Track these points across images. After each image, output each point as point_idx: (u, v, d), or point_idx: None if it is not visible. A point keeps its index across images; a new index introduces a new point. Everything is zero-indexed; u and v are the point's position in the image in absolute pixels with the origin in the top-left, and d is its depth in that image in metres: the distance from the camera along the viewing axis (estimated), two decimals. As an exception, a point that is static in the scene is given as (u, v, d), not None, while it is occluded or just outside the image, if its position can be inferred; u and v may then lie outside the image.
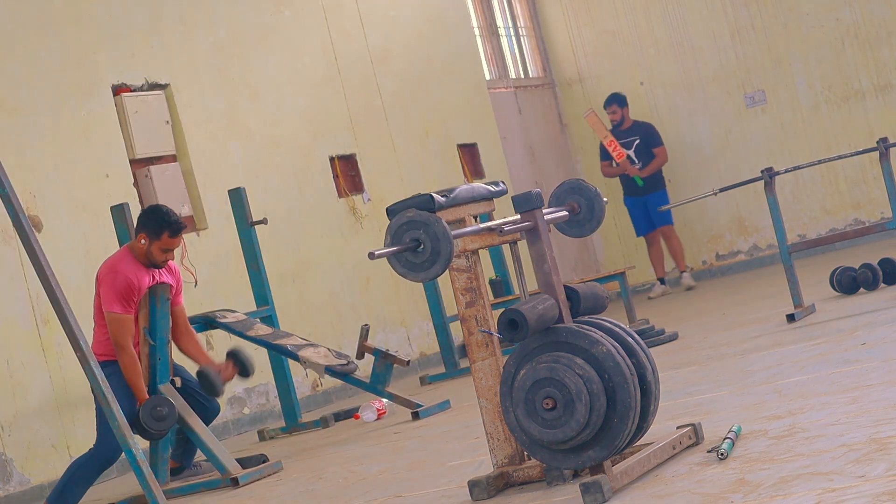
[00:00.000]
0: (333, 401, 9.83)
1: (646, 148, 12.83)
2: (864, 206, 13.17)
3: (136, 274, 6.46)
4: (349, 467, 6.06)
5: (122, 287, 6.39)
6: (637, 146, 12.84)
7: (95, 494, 7.48)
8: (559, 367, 3.98)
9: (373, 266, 10.25)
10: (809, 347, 6.34)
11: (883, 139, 7.89)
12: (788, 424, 4.40)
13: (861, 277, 8.46)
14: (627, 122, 12.95)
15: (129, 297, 6.42)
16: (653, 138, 12.94)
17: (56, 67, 8.56)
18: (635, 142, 12.84)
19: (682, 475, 4.05)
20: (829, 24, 13.22)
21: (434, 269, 4.09)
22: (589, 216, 4.78)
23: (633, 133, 12.89)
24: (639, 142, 12.84)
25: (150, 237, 6.48)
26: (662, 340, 8.24)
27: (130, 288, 6.42)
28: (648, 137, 12.92)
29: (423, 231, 4.07)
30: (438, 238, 4.05)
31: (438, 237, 4.05)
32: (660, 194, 12.82)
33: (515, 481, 4.47)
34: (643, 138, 12.87)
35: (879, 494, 3.19)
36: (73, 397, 7.87)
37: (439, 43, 12.50)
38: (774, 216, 8.08)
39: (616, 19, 14.18)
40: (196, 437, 6.53)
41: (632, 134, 12.88)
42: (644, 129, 12.97)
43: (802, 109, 13.37)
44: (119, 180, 8.79)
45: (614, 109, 12.93)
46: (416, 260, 4.11)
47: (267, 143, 10.09)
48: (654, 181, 12.88)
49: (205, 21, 9.84)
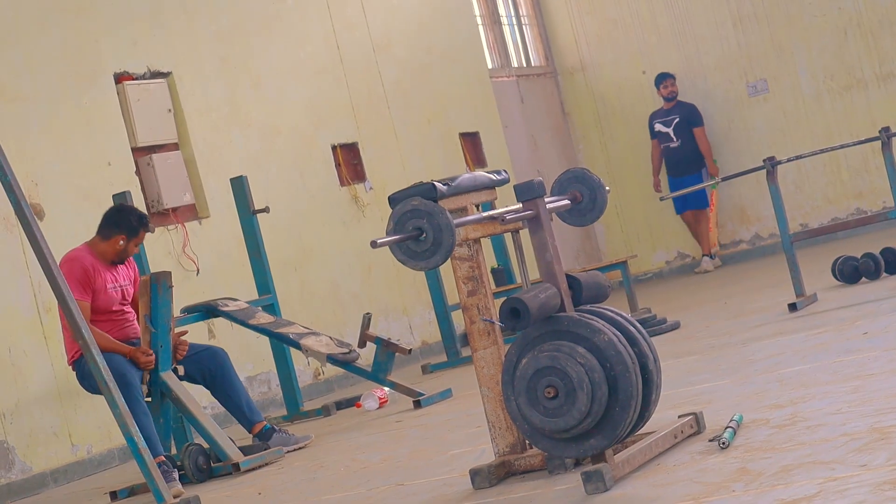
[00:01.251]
0: (335, 389, 9.83)
1: (686, 126, 12.96)
2: (866, 195, 13.16)
3: (93, 265, 6.65)
4: (351, 456, 6.06)
5: (78, 274, 6.54)
6: (676, 124, 12.95)
7: (97, 483, 7.49)
8: (561, 355, 3.98)
9: (375, 255, 10.24)
10: (811, 337, 6.34)
11: (885, 128, 7.88)
12: (790, 413, 4.40)
13: (863, 267, 8.46)
14: (676, 100, 13.15)
15: (85, 284, 6.57)
16: (693, 119, 13.07)
17: (58, 55, 8.55)
18: (675, 120, 12.96)
19: (684, 464, 4.05)
20: (832, 13, 13.20)
21: (435, 259, 4.09)
22: (591, 206, 4.79)
23: (675, 112, 13.06)
24: (678, 120, 12.95)
25: (129, 236, 6.68)
26: (664, 329, 8.24)
27: (86, 274, 6.58)
28: (690, 117, 13.07)
29: (426, 220, 4.07)
30: (441, 228, 4.05)
31: (441, 227, 4.05)
32: (696, 176, 12.88)
33: (517, 470, 4.47)
34: (684, 117, 13.01)
35: (881, 483, 3.20)
36: (74, 385, 7.87)
37: (441, 31, 12.48)
38: (776, 205, 8.07)
39: (618, 8, 14.17)
40: (197, 424, 6.54)
41: (674, 113, 13.04)
42: (687, 109, 13.12)
43: (805, 98, 13.36)
44: (121, 168, 8.79)
45: (672, 82, 13.11)
46: (418, 249, 4.11)
47: (269, 132, 10.08)
48: (690, 164, 13.01)
49: (207, 9, 9.83)
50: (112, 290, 6.69)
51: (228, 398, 6.88)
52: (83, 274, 6.55)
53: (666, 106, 13.20)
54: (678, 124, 13.03)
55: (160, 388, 6.59)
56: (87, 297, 6.55)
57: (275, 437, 6.77)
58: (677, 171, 13.06)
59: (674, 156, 13.14)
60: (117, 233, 6.67)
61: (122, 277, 6.79)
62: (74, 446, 7.96)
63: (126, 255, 6.74)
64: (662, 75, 13.25)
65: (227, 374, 6.87)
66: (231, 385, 6.87)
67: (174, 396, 6.59)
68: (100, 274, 6.64)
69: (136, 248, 6.80)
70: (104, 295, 6.64)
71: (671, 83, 13.15)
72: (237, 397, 6.86)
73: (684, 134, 13.01)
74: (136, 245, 6.76)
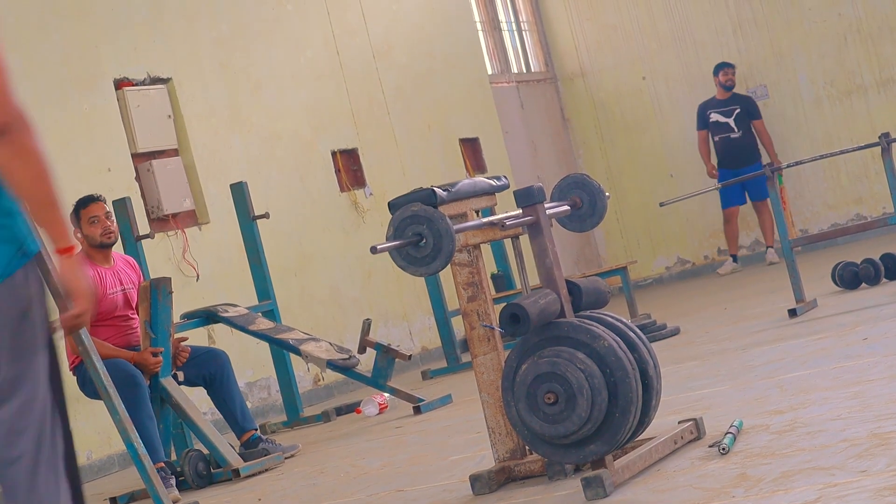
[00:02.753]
0: (335, 395, 9.83)
1: (747, 118, 12.78)
2: (865, 200, 13.16)
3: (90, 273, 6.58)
4: (351, 461, 6.06)
5: None
6: (738, 114, 12.76)
7: (97, 489, 7.49)
8: (561, 361, 3.98)
9: (375, 260, 10.24)
10: (811, 342, 6.34)
11: (885, 134, 7.88)
12: (790, 419, 4.40)
13: (863, 272, 8.45)
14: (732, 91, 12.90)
15: None
16: (753, 111, 12.87)
17: (58, 61, 8.56)
18: (735, 111, 12.77)
19: (684, 470, 4.05)
20: (832, 19, 13.21)
21: (435, 265, 4.10)
22: (591, 211, 4.79)
23: (734, 103, 12.84)
24: (739, 111, 12.76)
25: (77, 224, 6.68)
26: (664, 335, 8.24)
27: None
28: (750, 108, 12.86)
29: (426, 226, 4.08)
30: (441, 234, 4.06)
31: (441, 233, 4.06)
32: (756, 166, 12.66)
33: (517, 476, 4.47)
34: (744, 108, 12.81)
35: (881, 489, 3.20)
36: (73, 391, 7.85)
37: (441, 37, 12.49)
38: (776, 211, 8.08)
39: (618, 14, 14.18)
40: (197, 430, 6.54)
41: (733, 103, 12.84)
42: (745, 101, 12.93)
43: (804, 104, 13.37)
44: (121, 174, 8.79)
45: (732, 71, 12.87)
46: (418, 254, 4.12)
47: (269, 138, 10.09)
48: (751, 155, 12.76)
49: (207, 15, 9.84)
50: (112, 294, 6.69)
51: (224, 402, 6.89)
52: None
53: (721, 96, 12.84)
54: (739, 115, 12.74)
55: (160, 394, 6.60)
56: None
57: (259, 447, 6.78)
58: (737, 163, 12.62)
59: (734, 147, 12.73)
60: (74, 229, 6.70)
61: (126, 280, 6.76)
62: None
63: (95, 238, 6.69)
64: (723, 63, 12.95)
65: (226, 378, 6.88)
66: (229, 389, 6.87)
67: (174, 402, 6.60)
68: (100, 280, 6.63)
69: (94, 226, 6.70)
70: (105, 300, 6.64)
71: (731, 72, 12.85)
72: (232, 402, 6.87)
73: (745, 125, 12.73)
74: (90, 223, 6.69)
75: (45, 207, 3.05)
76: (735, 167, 12.62)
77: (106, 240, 6.72)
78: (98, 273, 6.65)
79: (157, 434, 6.33)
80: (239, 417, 6.90)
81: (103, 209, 6.77)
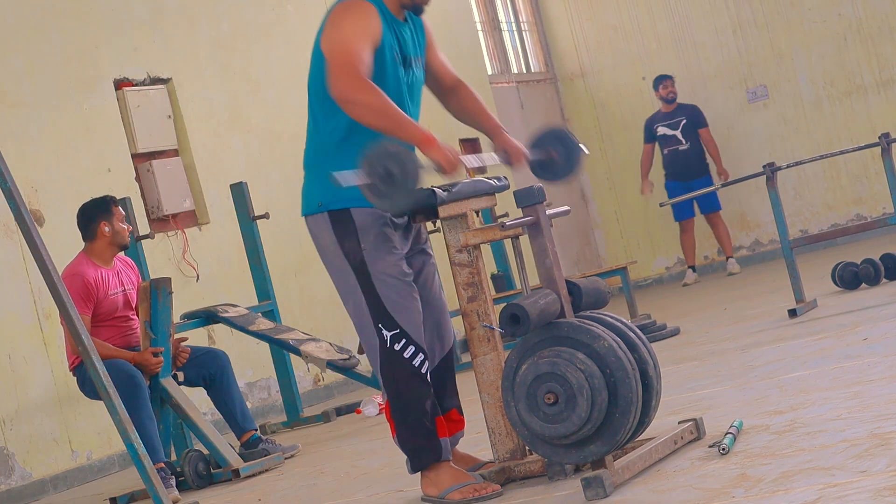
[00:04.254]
0: (335, 395, 9.83)
1: (692, 128, 12.77)
2: (865, 201, 13.17)
3: (94, 276, 6.66)
4: (351, 462, 6.06)
5: (80, 288, 6.54)
6: (684, 125, 12.74)
7: (96, 489, 7.49)
8: (561, 361, 3.98)
9: (374, 261, 10.22)
10: (811, 343, 6.34)
11: (885, 134, 7.88)
12: (790, 419, 4.40)
13: (863, 272, 8.45)
14: (676, 102, 12.89)
15: (87, 298, 6.57)
16: (699, 119, 12.84)
17: (58, 62, 8.56)
18: (682, 122, 12.76)
19: (684, 470, 4.05)
20: (832, 20, 13.21)
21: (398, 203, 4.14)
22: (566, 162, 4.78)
23: (680, 114, 12.83)
24: (685, 121, 12.75)
25: (108, 220, 6.70)
26: (664, 335, 8.24)
27: (87, 288, 6.59)
28: (697, 118, 12.83)
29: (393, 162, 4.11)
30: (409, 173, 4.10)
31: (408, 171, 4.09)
32: (706, 179, 12.67)
33: (517, 476, 4.47)
34: (690, 118, 12.79)
35: (881, 489, 3.19)
36: (74, 391, 7.87)
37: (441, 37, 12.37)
38: (776, 211, 8.07)
39: (618, 14, 14.18)
40: (197, 430, 6.55)
41: (678, 115, 12.81)
42: (690, 110, 12.89)
43: (804, 104, 13.37)
44: (121, 175, 8.80)
45: (671, 83, 12.86)
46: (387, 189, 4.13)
47: (269, 138, 10.09)
48: (700, 166, 12.74)
49: (207, 15, 9.84)
50: (114, 295, 6.70)
51: (224, 402, 6.89)
52: (84, 288, 6.55)
53: (666, 109, 12.89)
54: (686, 126, 12.75)
55: (160, 394, 6.60)
56: (87, 311, 6.56)
57: (259, 448, 6.78)
58: (687, 175, 12.64)
59: (683, 159, 12.73)
60: (98, 222, 6.71)
61: (126, 282, 6.78)
62: (74, 452, 7.96)
63: (123, 237, 6.73)
64: (661, 77, 12.98)
65: (226, 378, 6.88)
66: (228, 390, 6.87)
67: (174, 402, 6.60)
68: (102, 282, 6.64)
69: (125, 224, 6.78)
70: (106, 301, 6.65)
71: (670, 84, 12.88)
72: (232, 403, 6.87)
73: (692, 136, 12.74)
74: (121, 221, 6.75)
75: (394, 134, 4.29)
76: (685, 179, 12.63)
77: (128, 241, 6.78)
78: (100, 274, 6.66)
79: (157, 434, 6.33)
80: (239, 418, 6.90)
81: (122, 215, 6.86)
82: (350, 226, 4.41)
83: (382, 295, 4.41)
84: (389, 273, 4.42)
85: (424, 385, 4.44)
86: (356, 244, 4.41)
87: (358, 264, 4.41)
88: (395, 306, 4.41)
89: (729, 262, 12.80)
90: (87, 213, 6.77)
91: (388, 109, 4.26)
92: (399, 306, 4.42)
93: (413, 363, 4.41)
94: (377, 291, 4.41)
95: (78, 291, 6.49)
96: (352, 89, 4.26)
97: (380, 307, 4.41)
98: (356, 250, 4.41)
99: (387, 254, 4.43)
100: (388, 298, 4.41)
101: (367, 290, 4.41)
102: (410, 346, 4.41)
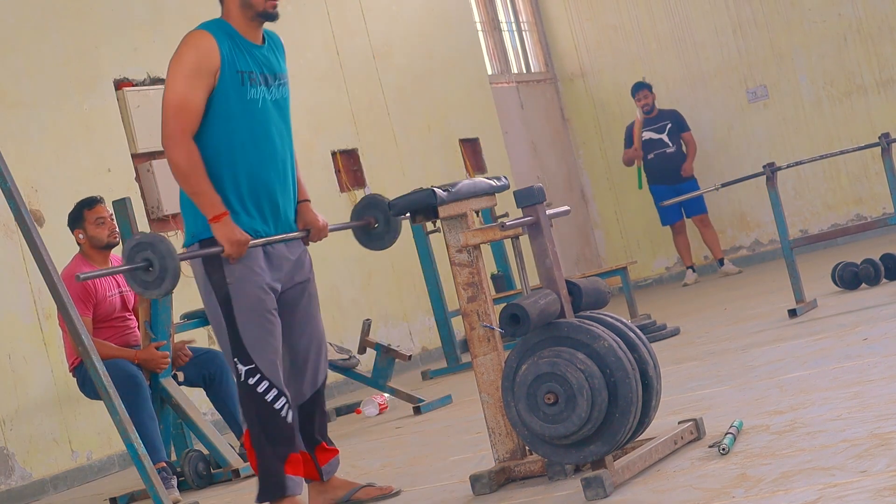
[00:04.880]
0: (335, 395, 9.83)
1: (677, 132, 12.78)
2: (865, 201, 13.17)
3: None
4: (351, 462, 6.06)
5: (78, 290, 6.53)
6: (669, 129, 12.75)
7: (97, 489, 7.49)
8: (561, 361, 3.98)
9: (375, 261, 10.25)
10: (811, 343, 6.34)
11: (885, 134, 7.88)
12: (790, 419, 4.40)
13: (863, 273, 8.45)
14: (655, 109, 12.89)
15: (86, 300, 6.59)
16: (682, 123, 12.86)
17: (58, 61, 8.56)
18: (667, 126, 12.76)
19: (684, 470, 4.05)
20: (832, 20, 13.21)
21: (166, 285, 4.20)
22: (385, 229, 5.07)
23: (663, 119, 12.83)
24: (670, 125, 12.75)
25: (80, 227, 6.75)
26: (664, 335, 8.24)
27: (86, 290, 6.59)
28: (679, 121, 12.85)
29: (150, 251, 4.19)
30: (164, 256, 4.17)
31: (164, 255, 4.17)
32: (692, 183, 12.67)
33: (517, 476, 4.47)
34: (674, 122, 12.80)
35: (881, 489, 3.20)
36: (74, 392, 7.87)
37: (441, 38, 12.49)
38: (776, 211, 8.07)
39: (618, 14, 14.18)
40: (197, 430, 6.54)
41: (662, 119, 12.81)
42: (673, 115, 12.91)
43: (804, 104, 13.37)
44: (121, 174, 8.80)
45: (646, 94, 12.85)
46: (149, 278, 4.22)
47: (269, 138, 10.07)
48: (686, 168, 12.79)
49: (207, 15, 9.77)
50: (111, 296, 6.70)
51: (224, 402, 6.89)
52: (82, 290, 6.55)
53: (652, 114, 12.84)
54: (671, 130, 12.75)
55: (160, 394, 6.60)
56: (87, 312, 6.57)
57: None
58: (673, 178, 12.66)
59: (670, 162, 12.73)
60: (73, 231, 6.79)
61: (123, 282, 6.80)
62: (74, 452, 7.96)
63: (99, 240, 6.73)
64: (638, 85, 12.94)
65: (225, 378, 6.88)
66: (228, 390, 6.87)
67: (174, 402, 6.60)
68: (99, 283, 6.65)
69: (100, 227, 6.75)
70: (105, 303, 6.66)
71: (643, 96, 12.80)
72: (232, 403, 6.86)
73: (677, 140, 12.75)
74: (97, 224, 6.74)
75: None
76: (672, 183, 12.64)
77: (112, 240, 6.76)
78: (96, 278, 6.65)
79: (157, 434, 6.33)
80: (239, 418, 6.90)
81: (107, 210, 6.82)
82: (216, 258, 4.50)
83: (242, 330, 4.49)
84: (252, 308, 4.50)
85: (278, 421, 4.52)
86: (222, 277, 4.51)
87: (223, 298, 4.51)
88: (254, 342, 4.49)
89: (722, 266, 12.76)
90: (69, 222, 6.85)
91: (192, 175, 4.45)
92: (258, 343, 4.50)
93: (266, 399, 4.49)
94: (237, 325, 4.49)
95: (77, 294, 6.49)
96: (169, 145, 4.53)
97: (238, 342, 4.50)
98: (222, 284, 4.51)
99: (253, 288, 4.51)
100: (247, 334, 4.49)
101: (230, 323, 4.51)
102: (264, 382, 4.49)
